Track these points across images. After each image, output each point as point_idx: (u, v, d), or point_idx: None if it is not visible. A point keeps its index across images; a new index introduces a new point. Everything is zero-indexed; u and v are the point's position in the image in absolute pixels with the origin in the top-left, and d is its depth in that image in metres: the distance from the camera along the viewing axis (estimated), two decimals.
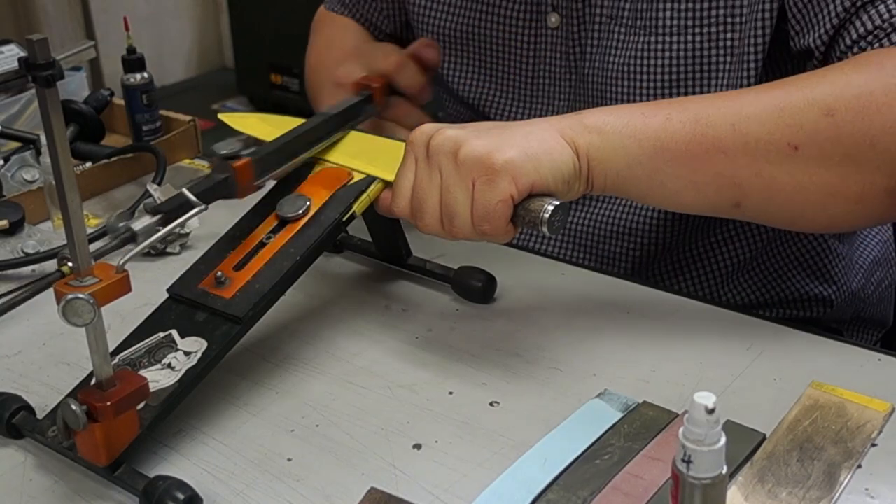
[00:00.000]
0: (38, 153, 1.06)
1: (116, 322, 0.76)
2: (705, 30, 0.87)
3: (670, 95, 0.89)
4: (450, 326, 0.82)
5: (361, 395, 0.73)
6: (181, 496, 0.61)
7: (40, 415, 0.69)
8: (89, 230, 0.94)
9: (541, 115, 0.89)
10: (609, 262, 0.99)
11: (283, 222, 0.77)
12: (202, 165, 1.17)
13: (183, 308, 0.73)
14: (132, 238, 0.64)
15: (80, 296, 0.58)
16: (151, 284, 0.77)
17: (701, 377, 0.74)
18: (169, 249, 0.95)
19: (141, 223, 0.65)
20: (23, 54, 1.13)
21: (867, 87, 0.69)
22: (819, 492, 0.61)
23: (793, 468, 0.63)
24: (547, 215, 0.68)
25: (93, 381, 0.63)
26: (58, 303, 0.58)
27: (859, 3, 0.75)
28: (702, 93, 0.88)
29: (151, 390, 0.66)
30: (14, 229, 0.95)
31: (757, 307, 0.98)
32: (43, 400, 0.71)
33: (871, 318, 1.06)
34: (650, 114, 0.72)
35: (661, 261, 0.98)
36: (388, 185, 0.78)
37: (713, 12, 0.86)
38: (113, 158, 1.10)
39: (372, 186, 0.80)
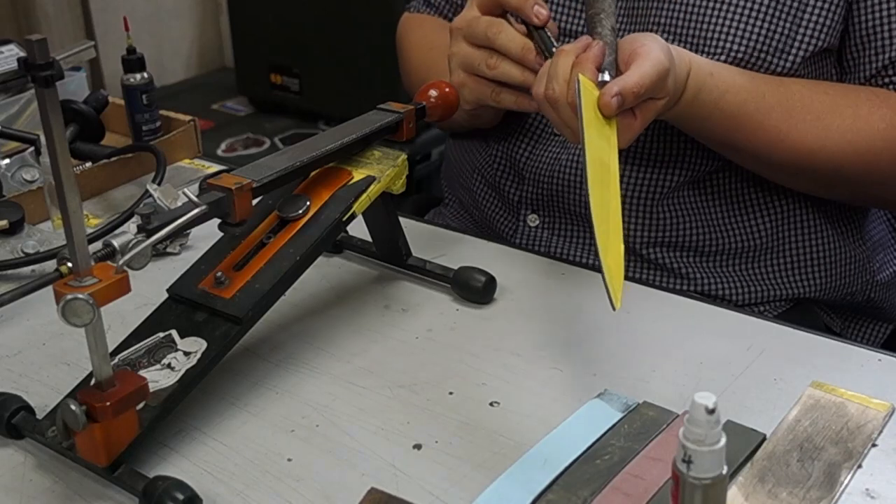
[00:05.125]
0: (38, 153, 1.06)
1: (116, 322, 0.76)
2: None
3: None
4: (450, 326, 0.82)
5: (361, 395, 0.73)
6: (181, 496, 0.61)
7: (40, 415, 0.69)
8: (89, 230, 0.94)
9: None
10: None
11: (283, 222, 0.77)
12: (202, 165, 1.17)
13: (183, 308, 0.73)
14: (111, 254, 0.63)
15: (80, 296, 0.58)
16: (151, 284, 0.77)
17: (701, 377, 0.74)
18: (169, 249, 0.95)
19: (122, 238, 0.64)
20: (22, 54, 1.13)
21: None
22: (819, 492, 0.61)
23: (793, 468, 0.63)
24: None
25: (92, 382, 0.63)
26: (57, 303, 0.58)
27: None
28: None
29: (151, 390, 0.66)
30: (14, 229, 0.95)
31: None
32: (43, 400, 0.71)
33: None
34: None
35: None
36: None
37: None
38: (113, 158, 1.10)
39: (372, 186, 0.80)
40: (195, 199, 0.68)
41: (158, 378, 0.68)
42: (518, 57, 0.85)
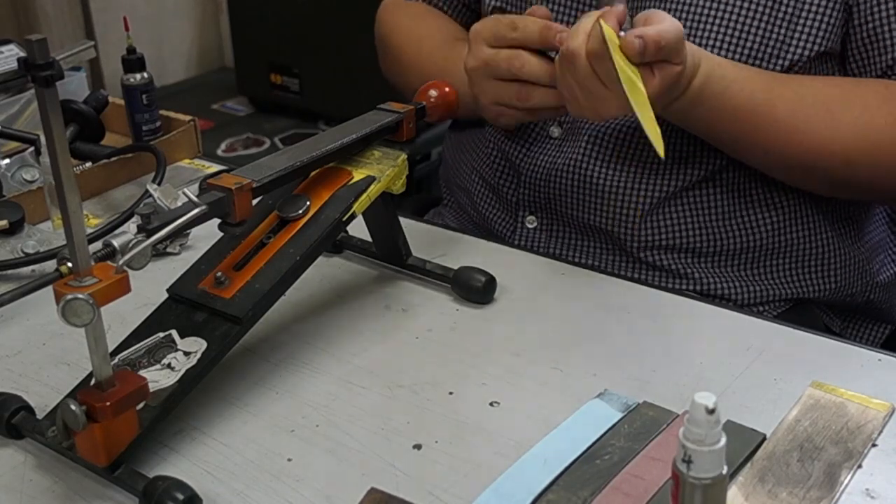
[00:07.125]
0: (38, 153, 1.06)
1: (116, 322, 0.76)
2: None
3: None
4: (450, 326, 0.82)
5: (361, 395, 0.73)
6: (181, 496, 0.61)
7: (40, 415, 0.69)
8: (89, 230, 0.94)
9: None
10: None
11: (283, 222, 0.77)
12: (202, 165, 1.17)
13: (183, 308, 0.73)
14: (111, 254, 0.63)
15: (80, 296, 0.58)
16: (151, 284, 0.77)
17: (701, 377, 0.74)
18: (169, 249, 0.95)
19: (122, 238, 0.64)
20: (22, 54, 1.13)
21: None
22: (819, 492, 0.61)
23: (793, 468, 0.63)
24: None
25: (92, 382, 0.63)
26: (57, 303, 0.58)
27: None
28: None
29: (151, 390, 0.66)
30: (14, 229, 0.95)
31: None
32: (43, 400, 0.71)
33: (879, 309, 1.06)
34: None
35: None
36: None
37: None
38: (113, 158, 1.10)
39: (372, 186, 0.80)
40: (195, 199, 0.68)
41: (158, 378, 0.68)
42: (548, 82, 0.87)
